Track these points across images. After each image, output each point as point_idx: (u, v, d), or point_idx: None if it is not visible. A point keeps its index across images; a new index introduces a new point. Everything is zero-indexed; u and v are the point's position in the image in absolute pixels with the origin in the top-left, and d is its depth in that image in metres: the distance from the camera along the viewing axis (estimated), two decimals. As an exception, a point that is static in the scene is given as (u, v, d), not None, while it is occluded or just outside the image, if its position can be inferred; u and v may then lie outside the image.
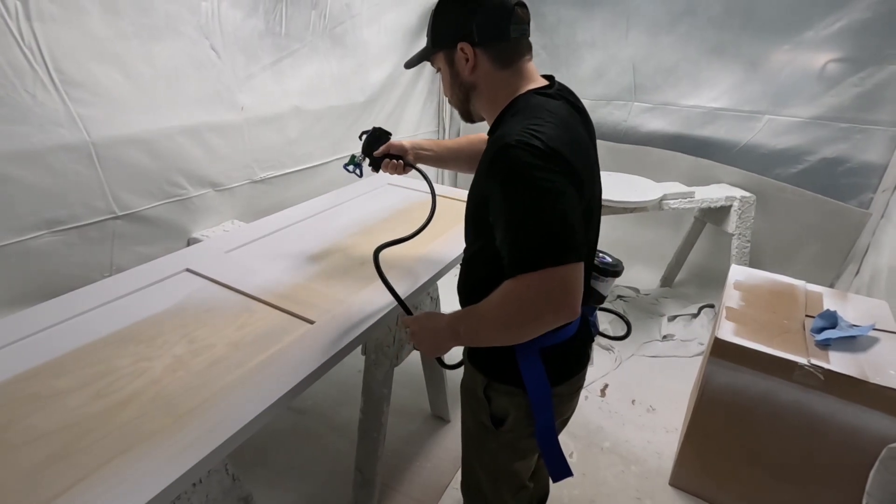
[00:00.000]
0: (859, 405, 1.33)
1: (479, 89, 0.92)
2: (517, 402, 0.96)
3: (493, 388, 0.99)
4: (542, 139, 0.75)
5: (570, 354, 0.99)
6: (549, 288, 0.76)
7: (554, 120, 0.80)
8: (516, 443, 1.02)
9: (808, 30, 2.35)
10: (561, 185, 0.75)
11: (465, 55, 0.88)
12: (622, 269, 1.01)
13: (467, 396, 1.07)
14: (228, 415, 0.86)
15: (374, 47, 2.67)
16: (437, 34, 0.93)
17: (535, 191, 0.74)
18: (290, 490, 1.67)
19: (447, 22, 0.90)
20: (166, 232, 1.90)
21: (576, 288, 0.77)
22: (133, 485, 0.73)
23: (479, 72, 0.89)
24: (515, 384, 0.94)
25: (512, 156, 0.75)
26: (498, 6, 0.85)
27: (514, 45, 0.88)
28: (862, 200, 2.43)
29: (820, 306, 1.64)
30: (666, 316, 2.69)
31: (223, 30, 1.93)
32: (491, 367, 0.98)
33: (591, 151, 0.91)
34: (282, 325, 1.13)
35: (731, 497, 1.62)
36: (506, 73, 0.89)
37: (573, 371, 1.00)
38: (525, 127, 0.77)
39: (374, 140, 1.31)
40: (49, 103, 1.48)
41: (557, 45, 3.01)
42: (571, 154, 0.77)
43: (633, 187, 2.50)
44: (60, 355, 1.01)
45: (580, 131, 0.87)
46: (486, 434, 1.03)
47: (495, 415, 1.00)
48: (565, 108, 0.86)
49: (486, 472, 1.09)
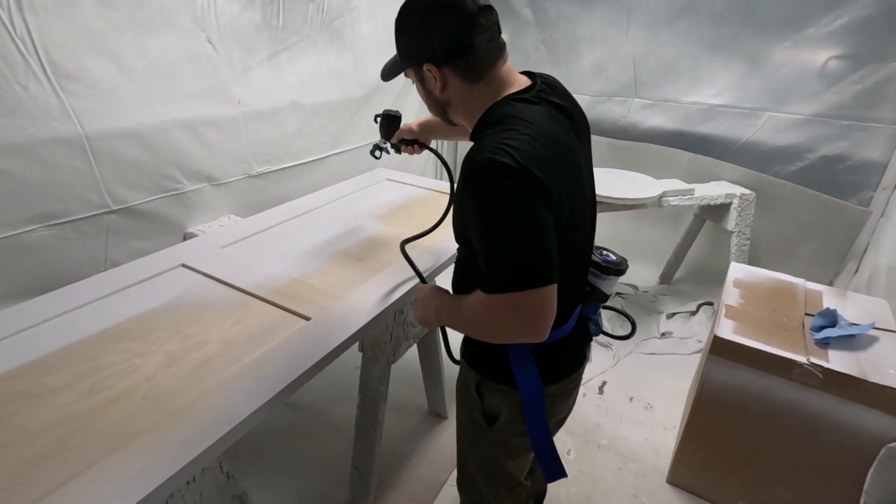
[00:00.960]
0: (858, 404, 1.32)
1: (453, 105, 0.89)
2: (509, 400, 0.95)
3: (485, 386, 0.98)
4: (515, 156, 0.71)
5: (565, 354, 0.97)
6: (517, 311, 0.76)
7: (530, 131, 0.76)
8: (508, 441, 1.01)
9: (810, 26, 2.34)
10: (531, 206, 0.73)
11: (433, 75, 0.84)
12: (626, 268, 0.99)
13: (461, 393, 1.07)
14: (222, 412, 0.85)
15: (373, 42, 2.64)
16: (401, 52, 0.89)
17: (504, 213, 0.73)
18: (286, 487, 1.67)
19: (408, 41, 0.86)
20: (161, 227, 1.88)
21: (544, 311, 0.76)
22: (125, 483, 0.72)
23: (449, 90, 0.85)
24: (508, 383, 0.93)
25: (483, 175, 0.73)
26: (457, 20, 0.78)
27: (482, 57, 0.82)
28: (862, 198, 2.42)
29: (819, 305, 1.63)
30: (664, 313, 2.69)
31: (219, 22, 1.91)
32: (484, 365, 0.98)
33: (577, 154, 0.86)
34: (277, 322, 1.12)
35: (729, 495, 1.62)
36: (479, 86, 0.84)
37: (567, 371, 0.99)
38: (497, 142, 0.73)
39: (387, 124, 1.37)
40: (42, 96, 1.46)
41: (557, 40, 2.99)
42: (546, 168, 0.74)
43: (632, 184, 2.49)
44: (51, 351, 0.99)
45: (561, 138, 0.82)
46: (479, 431, 1.03)
47: (488, 412, 1.00)
48: (545, 114, 0.82)
49: (480, 469, 1.09)
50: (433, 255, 1.44)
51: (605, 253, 1.01)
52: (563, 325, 0.94)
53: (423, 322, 1.02)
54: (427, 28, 0.81)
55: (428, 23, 0.81)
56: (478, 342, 0.94)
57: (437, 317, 0.95)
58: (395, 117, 1.35)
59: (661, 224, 3.07)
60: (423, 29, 0.81)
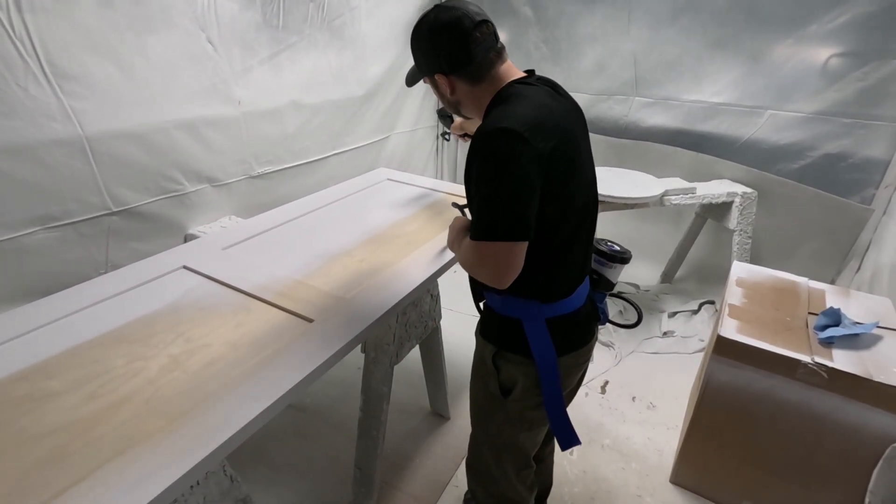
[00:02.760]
0: (863, 403, 1.32)
1: (464, 103, 1.03)
2: (525, 370, 1.02)
3: (501, 357, 1.05)
4: (512, 121, 0.84)
5: (576, 327, 1.05)
6: (483, 257, 0.89)
7: (528, 103, 0.89)
8: (523, 413, 1.07)
9: (812, 24, 2.33)
10: (520, 165, 0.83)
11: (443, 82, 0.99)
12: (630, 257, 1.06)
13: (477, 366, 1.13)
14: (226, 416, 0.85)
15: (374, 40, 2.63)
16: (417, 64, 1.05)
17: (494, 170, 0.85)
18: (290, 488, 1.66)
19: (420, 58, 1.02)
20: (162, 228, 1.87)
21: (506, 263, 0.87)
22: (128, 488, 0.72)
23: (459, 92, 1.00)
24: (523, 353, 1.01)
25: (486, 141, 0.86)
26: (456, 38, 0.93)
27: (482, 63, 0.95)
28: (864, 196, 2.41)
29: (823, 303, 1.63)
30: (666, 312, 2.68)
31: (219, 22, 1.90)
32: (500, 337, 1.05)
33: (573, 127, 0.96)
34: (280, 324, 1.11)
35: (732, 495, 1.61)
36: (482, 86, 0.98)
37: (577, 344, 1.06)
38: (500, 115, 0.87)
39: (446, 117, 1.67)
40: (41, 97, 1.45)
41: (559, 38, 2.97)
42: (542, 134, 0.85)
43: (634, 183, 2.49)
44: (53, 355, 0.99)
45: (562, 120, 0.93)
46: (494, 404, 1.09)
47: (503, 384, 1.06)
48: (545, 92, 0.95)
49: (491, 445, 1.14)
50: (431, 263, 1.43)
51: (609, 243, 1.08)
52: (570, 297, 1.01)
53: (450, 246, 1.11)
54: (433, 46, 0.97)
55: (433, 41, 0.96)
56: (494, 316, 1.05)
57: (452, 245, 1.08)
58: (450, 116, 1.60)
59: (663, 223, 3.06)
60: (431, 45, 0.97)
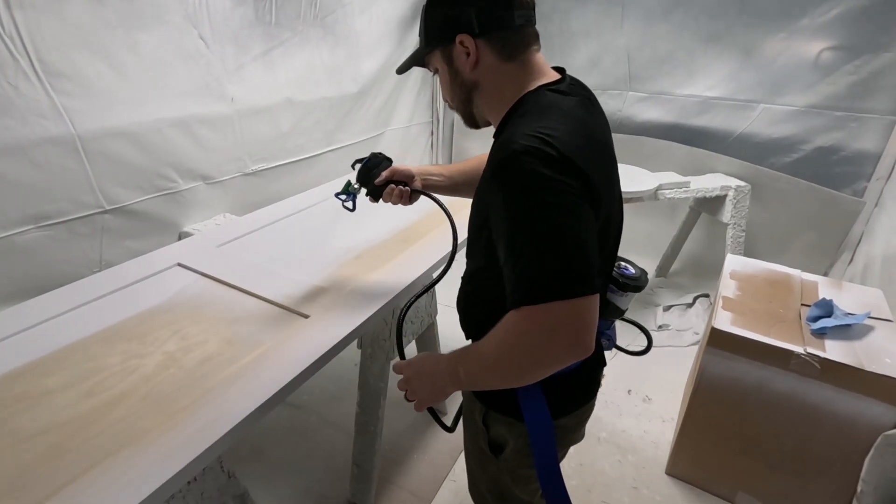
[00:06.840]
0: (855, 393, 1.33)
1: (483, 87, 0.81)
2: (517, 431, 0.88)
3: (491, 417, 0.92)
4: (556, 145, 0.64)
5: (577, 383, 0.89)
6: (557, 324, 0.64)
7: (568, 122, 0.70)
8: (516, 471, 0.94)
9: (804, 17, 2.34)
10: (575, 202, 0.64)
11: (466, 49, 0.78)
12: (645, 283, 0.90)
13: (466, 420, 1.01)
14: (222, 412, 0.85)
15: (367, 37, 2.62)
16: (431, 30, 0.83)
17: (545, 209, 0.63)
18: (287, 485, 1.66)
19: (442, 14, 0.80)
20: (156, 226, 1.87)
21: (589, 324, 0.65)
22: (126, 485, 0.72)
23: (481, 67, 0.79)
24: (514, 415, 0.86)
25: (520, 164, 0.64)
26: None
27: (519, 34, 0.78)
28: (856, 189, 2.43)
29: (815, 295, 1.64)
30: (661, 306, 2.70)
31: (211, 19, 1.89)
32: (489, 397, 0.91)
33: (612, 152, 0.82)
34: (276, 320, 1.11)
35: (728, 485, 1.63)
36: (512, 66, 0.79)
37: (579, 402, 0.91)
38: (536, 130, 0.66)
39: (372, 167, 1.10)
40: (32, 95, 1.44)
41: (551, 33, 2.98)
42: (589, 163, 0.67)
43: (628, 177, 2.49)
44: (49, 353, 0.98)
45: (598, 133, 0.78)
46: (486, 458, 0.97)
47: (494, 442, 0.94)
48: (581, 108, 0.77)
49: (490, 490, 1.02)
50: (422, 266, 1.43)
51: (623, 265, 0.91)
52: None
53: (433, 400, 0.86)
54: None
55: None
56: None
57: (452, 382, 0.80)
58: (388, 159, 1.12)
59: (657, 217, 3.07)
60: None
